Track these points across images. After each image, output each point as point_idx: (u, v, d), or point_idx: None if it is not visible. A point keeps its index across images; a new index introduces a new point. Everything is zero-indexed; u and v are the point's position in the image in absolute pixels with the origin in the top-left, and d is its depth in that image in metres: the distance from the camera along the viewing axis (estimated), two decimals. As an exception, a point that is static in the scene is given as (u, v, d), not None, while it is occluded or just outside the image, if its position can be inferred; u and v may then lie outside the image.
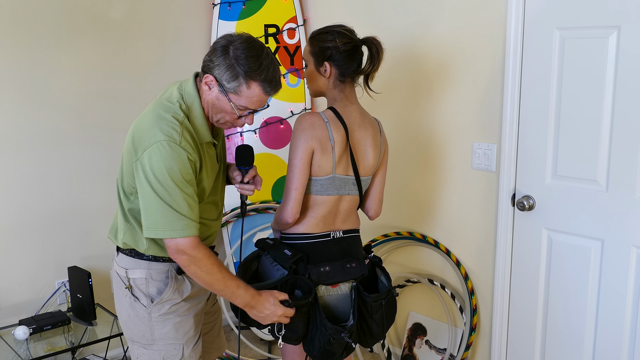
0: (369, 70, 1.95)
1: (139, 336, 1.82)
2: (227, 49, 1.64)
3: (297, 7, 3.28)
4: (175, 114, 1.64)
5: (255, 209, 3.29)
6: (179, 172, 1.59)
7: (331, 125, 1.89)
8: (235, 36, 1.68)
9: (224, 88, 1.66)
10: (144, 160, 1.59)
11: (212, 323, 2.03)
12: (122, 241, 1.79)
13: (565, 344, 2.42)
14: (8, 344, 2.58)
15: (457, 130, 2.66)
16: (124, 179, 1.73)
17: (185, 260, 1.65)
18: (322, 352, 1.85)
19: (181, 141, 1.60)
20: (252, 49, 1.65)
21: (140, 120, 1.67)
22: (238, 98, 1.67)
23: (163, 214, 1.60)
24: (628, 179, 2.16)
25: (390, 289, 1.96)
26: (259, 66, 1.65)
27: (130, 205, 1.74)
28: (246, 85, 1.65)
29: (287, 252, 1.88)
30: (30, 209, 2.76)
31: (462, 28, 2.58)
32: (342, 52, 1.90)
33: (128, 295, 1.80)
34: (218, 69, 1.65)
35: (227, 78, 1.64)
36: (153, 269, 1.78)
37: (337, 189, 1.93)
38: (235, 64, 1.63)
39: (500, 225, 2.54)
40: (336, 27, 1.94)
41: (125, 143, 1.72)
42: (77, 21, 2.80)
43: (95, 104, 2.91)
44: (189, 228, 1.62)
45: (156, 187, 1.58)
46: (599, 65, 2.18)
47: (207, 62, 1.68)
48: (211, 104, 1.71)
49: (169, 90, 1.75)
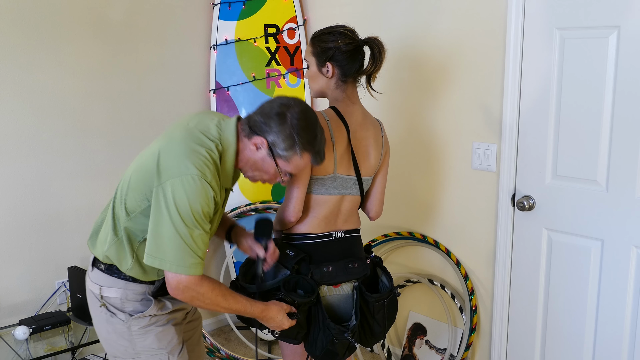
0: (371, 71, 1.95)
1: (120, 352, 1.76)
2: (284, 116, 1.60)
3: (297, 7, 3.28)
4: (210, 150, 1.59)
5: (255, 209, 3.29)
6: (202, 209, 1.55)
7: (332, 123, 1.89)
8: (290, 101, 1.64)
9: (274, 153, 1.62)
10: (166, 188, 1.54)
11: (192, 331, 1.98)
12: (104, 254, 1.71)
13: (565, 344, 2.42)
14: (8, 344, 2.58)
15: (457, 130, 2.66)
16: (129, 194, 1.66)
17: (188, 297, 1.60)
18: (325, 352, 1.85)
19: (211, 180, 1.57)
20: (309, 119, 1.63)
21: (170, 145, 1.60)
22: (286, 165, 1.64)
23: (175, 247, 1.54)
24: (628, 179, 2.16)
25: (392, 288, 1.96)
26: (314, 138, 1.63)
27: (128, 224, 1.66)
28: (299, 155, 1.63)
29: (289, 252, 1.88)
30: (31, 208, 2.76)
31: (462, 28, 2.58)
32: (344, 52, 1.90)
33: (104, 311, 1.73)
34: (274, 136, 1.60)
35: (283, 147, 1.61)
36: (130, 290, 1.72)
37: (339, 189, 1.93)
38: (293, 133, 1.60)
39: (500, 225, 2.54)
40: (338, 28, 1.94)
41: (144, 161, 1.64)
42: (77, 21, 2.80)
43: (95, 104, 2.91)
44: (197, 266, 1.57)
45: (175, 218, 1.53)
46: (599, 65, 2.17)
47: (261, 124, 1.62)
48: (252, 162, 1.66)
49: (205, 123, 1.67)
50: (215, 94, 3.27)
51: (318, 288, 1.86)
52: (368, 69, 1.94)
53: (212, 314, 3.47)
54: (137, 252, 1.69)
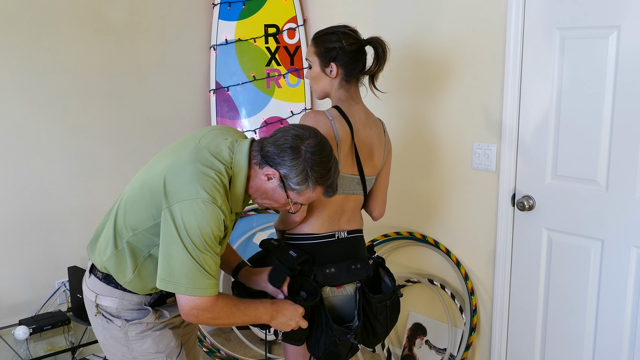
0: (375, 70, 1.96)
1: (118, 357, 1.75)
2: (299, 151, 1.57)
3: (297, 7, 3.28)
4: (220, 174, 1.56)
5: (255, 209, 3.29)
6: (212, 232, 1.52)
7: (335, 123, 1.89)
8: (305, 133, 1.60)
9: (287, 185, 1.60)
10: (174, 211, 1.51)
11: (188, 335, 1.97)
12: (103, 264, 1.68)
13: (565, 344, 2.42)
14: (8, 344, 2.58)
15: (457, 130, 2.66)
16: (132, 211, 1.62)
17: (204, 319, 1.58)
18: (328, 353, 1.85)
19: (221, 204, 1.54)
20: (324, 153, 1.60)
21: (179, 166, 1.56)
22: (297, 197, 1.62)
23: (189, 270, 1.51)
24: (628, 179, 2.16)
25: (395, 289, 1.96)
26: (328, 172, 1.61)
27: (132, 239, 1.63)
28: (312, 189, 1.61)
29: (292, 253, 1.87)
30: (31, 208, 2.76)
31: (462, 28, 2.58)
32: (348, 52, 1.91)
33: (100, 317, 1.72)
34: (287, 170, 1.58)
35: (296, 181, 1.58)
36: (126, 300, 1.70)
37: (343, 188, 1.93)
38: (307, 168, 1.57)
39: (500, 225, 2.54)
40: (340, 28, 1.94)
41: (149, 178, 1.60)
42: (77, 21, 2.80)
43: (95, 104, 2.91)
44: (212, 287, 1.55)
45: (186, 242, 1.50)
46: (599, 65, 2.18)
47: (273, 156, 1.58)
48: (263, 190, 1.64)
49: (217, 142, 1.64)
50: (215, 94, 3.27)
51: (321, 289, 1.86)
52: (372, 69, 1.95)
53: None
54: (139, 267, 1.66)
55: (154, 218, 1.58)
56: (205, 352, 3.14)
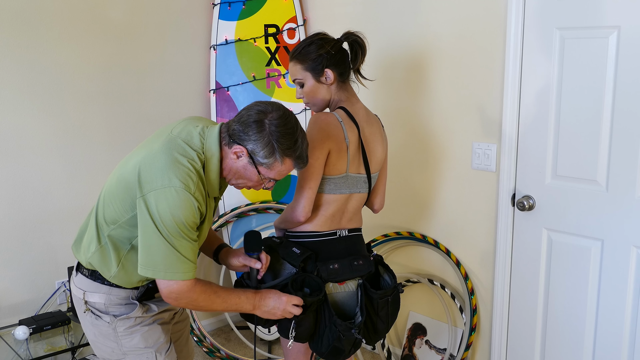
0: (360, 63, 2.00)
1: (108, 353, 1.77)
2: (262, 124, 1.60)
3: (297, 7, 3.28)
4: (193, 161, 1.59)
5: (255, 209, 3.29)
6: (185, 220, 1.56)
7: (345, 125, 1.93)
8: (268, 107, 1.63)
9: (255, 161, 1.62)
10: (149, 200, 1.55)
11: (180, 332, 1.98)
12: (88, 260, 1.71)
13: (565, 344, 2.42)
14: (8, 344, 2.58)
15: (457, 130, 2.66)
16: (110, 204, 1.66)
17: (184, 303, 1.63)
18: (332, 349, 1.86)
19: (195, 191, 1.57)
20: (288, 125, 1.62)
21: (151, 157, 1.60)
22: (268, 171, 1.64)
23: (165, 255, 1.56)
24: (628, 179, 2.16)
25: (396, 285, 1.98)
26: (295, 143, 1.63)
27: (113, 232, 1.67)
28: (280, 162, 1.63)
29: (295, 250, 1.90)
30: (31, 208, 2.76)
31: (461, 28, 2.58)
32: (335, 54, 1.95)
33: (89, 314, 1.74)
34: (253, 144, 1.60)
35: (263, 154, 1.61)
36: (114, 295, 1.73)
37: (349, 187, 1.97)
38: (272, 141, 1.60)
39: (500, 225, 2.54)
40: (313, 37, 1.98)
41: (124, 171, 1.64)
42: (77, 21, 2.80)
43: (95, 104, 2.91)
44: (189, 271, 1.59)
45: (162, 229, 1.54)
46: (599, 65, 2.18)
47: (239, 133, 1.61)
48: (235, 170, 1.66)
49: (187, 130, 1.67)
50: (215, 94, 3.27)
51: (324, 285, 1.87)
52: (360, 62, 1.99)
53: (212, 314, 3.47)
54: (123, 260, 1.69)
55: (131, 210, 1.61)
56: (205, 352, 3.14)
